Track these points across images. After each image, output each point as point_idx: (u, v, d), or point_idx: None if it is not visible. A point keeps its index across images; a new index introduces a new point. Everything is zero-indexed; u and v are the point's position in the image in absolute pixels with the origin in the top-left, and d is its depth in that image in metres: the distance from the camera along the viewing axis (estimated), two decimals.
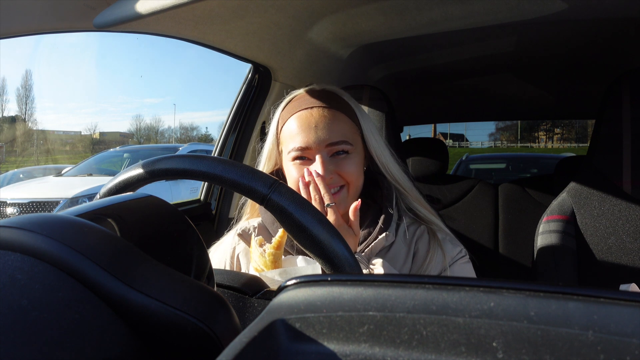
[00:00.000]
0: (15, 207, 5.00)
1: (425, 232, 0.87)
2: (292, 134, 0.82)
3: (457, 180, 1.95)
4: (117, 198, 0.41)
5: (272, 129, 0.89)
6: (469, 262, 0.86)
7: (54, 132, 40.95)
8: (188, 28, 1.04)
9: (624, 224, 1.12)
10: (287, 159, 0.84)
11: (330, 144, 0.80)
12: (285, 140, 0.84)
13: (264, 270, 0.71)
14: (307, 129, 0.81)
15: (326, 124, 0.81)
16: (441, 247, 0.83)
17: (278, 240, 0.72)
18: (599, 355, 0.19)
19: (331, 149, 0.81)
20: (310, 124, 0.81)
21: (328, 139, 0.80)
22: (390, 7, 1.19)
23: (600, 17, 1.28)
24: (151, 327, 0.29)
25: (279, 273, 0.69)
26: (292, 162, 0.83)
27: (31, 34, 0.84)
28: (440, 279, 0.25)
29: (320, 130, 0.80)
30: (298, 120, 0.82)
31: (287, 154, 0.83)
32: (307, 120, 0.81)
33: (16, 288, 0.25)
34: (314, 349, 0.23)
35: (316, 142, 0.80)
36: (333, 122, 0.81)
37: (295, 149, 0.81)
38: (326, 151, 0.81)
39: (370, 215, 0.86)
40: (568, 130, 27.15)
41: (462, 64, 1.84)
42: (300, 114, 0.82)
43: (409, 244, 0.85)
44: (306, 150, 0.81)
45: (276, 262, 0.72)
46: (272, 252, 0.72)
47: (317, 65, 1.52)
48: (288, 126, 0.84)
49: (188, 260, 0.38)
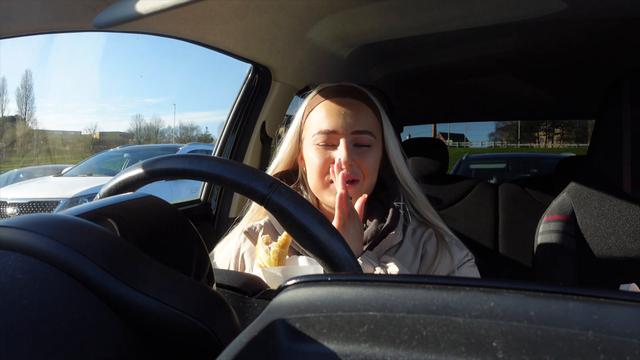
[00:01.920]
0: (15, 207, 5.00)
1: (433, 235, 0.88)
2: (320, 118, 0.85)
3: (457, 180, 1.95)
4: (117, 198, 0.41)
5: (296, 117, 0.92)
6: (474, 265, 0.87)
7: (54, 132, 40.95)
8: (188, 28, 1.04)
9: (624, 224, 1.12)
10: (310, 144, 0.86)
11: (356, 132, 0.83)
12: (311, 125, 0.86)
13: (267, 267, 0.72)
14: (335, 114, 0.84)
15: (354, 113, 0.84)
16: (449, 250, 0.85)
17: (284, 239, 0.73)
18: (599, 355, 0.19)
19: (356, 136, 0.83)
20: (339, 110, 0.84)
21: (355, 126, 0.83)
22: (390, 7, 1.19)
23: (600, 17, 1.28)
24: (151, 327, 0.29)
25: (281, 270, 0.70)
26: (315, 146, 0.84)
27: (31, 34, 0.84)
28: (440, 279, 0.25)
29: (348, 117, 0.83)
30: (327, 106, 0.85)
31: (311, 138, 0.85)
32: (336, 107, 0.84)
33: (16, 288, 0.25)
34: (314, 349, 0.23)
35: (343, 127, 0.82)
36: (360, 112, 0.85)
37: (322, 132, 0.83)
38: (351, 138, 0.83)
39: (377, 214, 0.87)
40: (568, 130, 27.15)
41: (462, 64, 1.84)
42: (330, 102, 0.86)
43: (417, 244, 0.86)
44: (332, 134, 0.83)
45: (280, 260, 0.73)
46: (277, 250, 0.72)
47: (317, 65, 1.52)
48: (316, 112, 0.86)
49: (188, 260, 0.38)
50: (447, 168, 1.98)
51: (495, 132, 28.14)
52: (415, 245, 0.86)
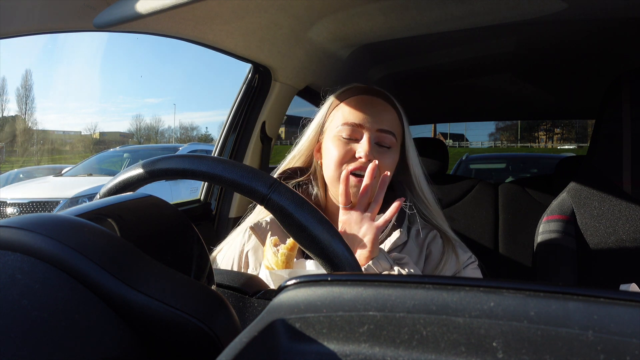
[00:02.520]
0: (15, 207, 5.00)
1: (437, 236, 0.88)
2: (347, 111, 0.86)
3: (457, 180, 1.95)
4: (117, 198, 0.41)
5: (321, 110, 0.92)
6: (478, 268, 0.88)
7: (54, 132, 40.97)
8: (188, 28, 1.04)
9: (624, 224, 1.12)
10: (332, 135, 0.86)
11: (380, 130, 0.84)
12: (337, 117, 0.87)
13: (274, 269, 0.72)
14: (363, 109, 0.85)
15: (380, 112, 0.86)
16: (455, 252, 0.85)
17: (292, 242, 0.72)
18: (599, 355, 0.19)
19: (379, 135, 0.84)
20: (368, 106, 0.86)
21: (380, 124, 0.84)
22: (390, 7, 1.19)
23: (600, 17, 1.28)
24: (151, 327, 0.29)
25: (288, 273, 0.69)
26: (338, 138, 0.85)
27: (31, 34, 0.84)
28: (440, 279, 0.25)
29: (376, 114, 0.85)
30: (356, 100, 0.87)
31: (334, 129, 0.86)
32: (365, 103, 0.86)
33: (16, 288, 0.25)
34: (314, 349, 0.23)
35: (370, 122, 0.84)
36: (387, 112, 0.87)
37: (348, 123, 0.84)
38: (375, 135, 0.84)
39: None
40: (568, 130, 27.17)
41: (462, 64, 1.84)
42: (360, 97, 0.87)
43: (421, 245, 0.86)
44: (357, 127, 0.84)
45: (288, 263, 0.72)
46: (286, 252, 0.72)
47: (317, 65, 1.52)
48: (344, 105, 0.87)
49: (188, 260, 0.38)
50: (447, 168, 1.98)
51: (495, 132, 28.19)
52: (419, 246, 0.86)
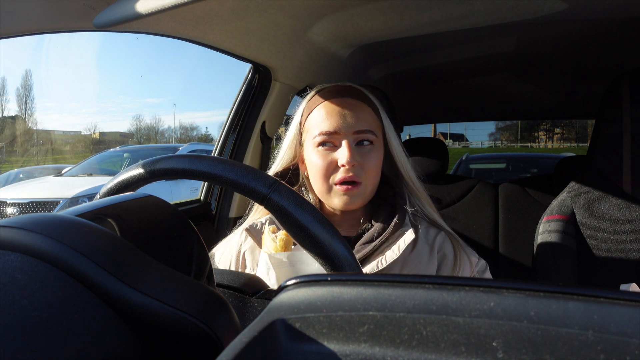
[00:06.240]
0: (15, 207, 5.01)
1: (446, 238, 0.88)
2: (320, 119, 0.84)
3: (457, 180, 1.95)
4: (117, 198, 0.41)
5: (295, 119, 0.91)
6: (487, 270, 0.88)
7: (54, 132, 40.97)
8: (188, 28, 1.04)
9: (624, 224, 1.12)
10: (311, 146, 0.85)
11: (357, 131, 0.82)
12: (311, 127, 0.85)
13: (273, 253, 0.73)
14: (336, 115, 0.83)
15: (354, 113, 0.83)
16: (467, 254, 0.85)
17: None
18: (599, 355, 0.19)
19: (358, 136, 0.83)
20: (339, 110, 0.83)
21: (356, 126, 0.82)
22: (390, 7, 1.19)
23: (600, 17, 1.28)
24: (151, 327, 0.29)
25: (287, 256, 0.71)
26: (316, 149, 0.83)
27: (31, 34, 0.84)
28: (440, 279, 0.25)
29: (349, 117, 0.82)
30: (327, 107, 0.84)
31: (311, 140, 0.84)
32: (336, 108, 0.84)
33: (16, 288, 0.25)
34: (314, 349, 0.23)
35: (345, 127, 0.82)
36: (360, 111, 0.84)
37: (323, 133, 0.82)
38: (353, 138, 0.82)
39: (383, 213, 0.87)
40: (568, 130, 27.17)
41: (462, 64, 1.84)
42: (329, 103, 0.85)
43: (431, 244, 0.86)
44: (333, 135, 0.82)
45: (286, 247, 0.74)
46: (284, 237, 0.74)
47: (317, 65, 1.52)
48: (315, 113, 0.85)
49: (188, 260, 0.38)
50: (447, 168, 1.98)
51: (495, 132, 28.19)
52: (430, 245, 0.86)
